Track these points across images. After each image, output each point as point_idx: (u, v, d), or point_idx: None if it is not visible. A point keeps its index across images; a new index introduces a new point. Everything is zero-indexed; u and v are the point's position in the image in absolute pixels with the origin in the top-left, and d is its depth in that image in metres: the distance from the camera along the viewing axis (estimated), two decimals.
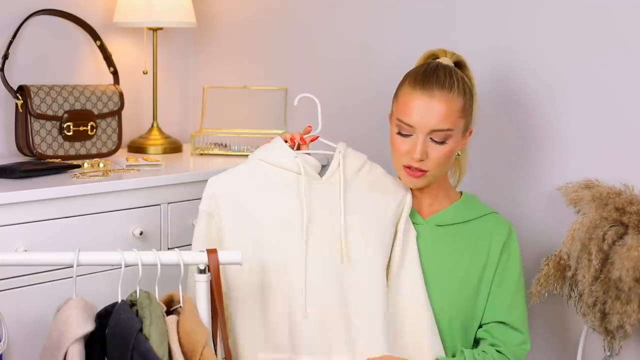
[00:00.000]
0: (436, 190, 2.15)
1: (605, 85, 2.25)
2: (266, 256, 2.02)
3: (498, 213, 2.19)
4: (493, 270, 2.10)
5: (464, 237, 2.12)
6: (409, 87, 2.06)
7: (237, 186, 2.09)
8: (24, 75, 2.61)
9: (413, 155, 2.04)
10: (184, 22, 2.79)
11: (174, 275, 1.82)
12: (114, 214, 2.29)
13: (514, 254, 2.13)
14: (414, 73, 2.08)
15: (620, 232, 2.06)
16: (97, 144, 2.64)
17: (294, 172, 2.08)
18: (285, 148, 2.11)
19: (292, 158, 2.08)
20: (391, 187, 2.13)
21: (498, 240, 2.11)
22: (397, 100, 2.09)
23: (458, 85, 2.04)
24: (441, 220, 2.13)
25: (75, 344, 1.69)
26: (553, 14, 2.32)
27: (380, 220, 2.07)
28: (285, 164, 2.08)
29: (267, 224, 2.04)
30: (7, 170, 2.24)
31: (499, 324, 2.09)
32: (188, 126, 3.08)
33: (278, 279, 2.02)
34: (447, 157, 2.06)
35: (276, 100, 2.87)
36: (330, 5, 2.75)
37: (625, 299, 2.05)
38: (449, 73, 2.05)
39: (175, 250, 1.83)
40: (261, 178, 2.09)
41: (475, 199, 2.20)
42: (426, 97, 2.02)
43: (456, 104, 2.03)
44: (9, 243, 2.09)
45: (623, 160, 2.22)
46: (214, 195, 2.09)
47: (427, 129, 2.02)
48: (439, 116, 2.02)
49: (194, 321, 1.78)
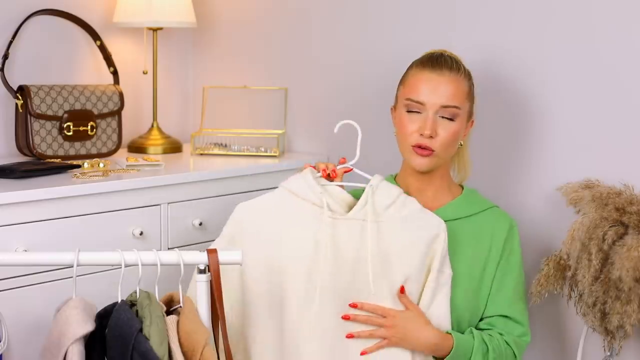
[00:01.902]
0: (439, 181, 2.17)
1: (606, 85, 2.25)
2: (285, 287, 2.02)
3: (499, 207, 2.21)
4: (495, 265, 2.12)
5: (466, 232, 2.14)
6: (417, 69, 2.12)
7: (263, 216, 2.07)
8: (24, 75, 2.61)
9: (424, 132, 2.06)
10: (184, 22, 2.79)
11: (174, 275, 1.82)
12: (114, 214, 2.29)
13: (515, 248, 2.15)
14: (421, 59, 2.15)
15: (620, 232, 2.06)
16: (97, 144, 2.64)
17: (318, 207, 2.04)
18: (311, 181, 2.06)
19: (318, 193, 2.04)
20: (425, 222, 2.05)
21: (500, 235, 2.14)
22: (405, 84, 2.13)
23: (464, 70, 2.13)
24: (443, 215, 2.13)
25: (75, 344, 1.69)
26: (553, 13, 2.32)
27: (406, 259, 2.02)
28: (309, 197, 2.05)
29: (290, 258, 2.02)
30: (7, 170, 2.24)
31: (501, 317, 2.11)
32: (188, 126, 3.08)
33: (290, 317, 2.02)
34: (454, 137, 2.09)
35: (276, 100, 2.87)
36: (330, 6, 2.75)
37: (625, 299, 2.05)
38: (454, 59, 2.13)
39: (175, 250, 1.83)
40: (287, 210, 2.06)
41: (476, 194, 2.22)
42: (436, 75, 2.09)
43: (463, 85, 2.10)
44: (8, 243, 2.09)
45: (623, 160, 2.22)
46: (240, 222, 2.07)
47: (437, 106, 2.07)
48: (448, 93, 2.07)
49: (194, 321, 1.77)
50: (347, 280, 2.00)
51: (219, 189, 2.51)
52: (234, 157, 2.73)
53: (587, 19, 2.26)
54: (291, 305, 2.01)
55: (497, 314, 2.11)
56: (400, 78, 2.17)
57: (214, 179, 2.50)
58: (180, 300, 1.81)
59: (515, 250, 2.15)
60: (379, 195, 2.05)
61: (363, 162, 2.24)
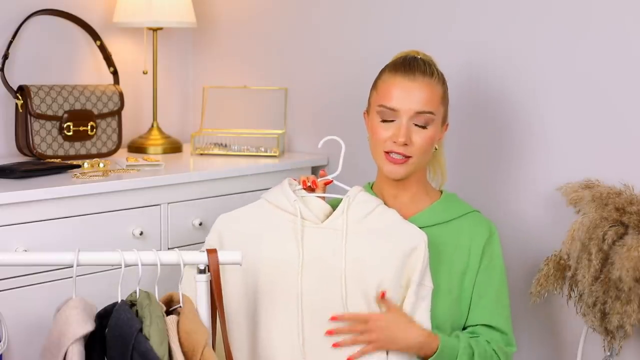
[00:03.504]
0: (416, 186, 2.13)
1: (606, 85, 2.25)
2: (261, 298, 2.03)
3: (479, 212, 2.17)
4: (475, 272, 2.09)
5: (444, 238, 2.09)
6: (389, 75, 2.08)
7: (242, 225, 2.08)
8: (24, 75, 2.61)
9: (398, 139, 2.03)
10: (184, 22, 2.79)
11: (174, 275, 1.82)
12: (114, 214, 2.29)
13: (496, 255, 2.11)
14: (393, 63, 2.11)
15: (620, 232, 2.06)
16: (97, 144, 2.64)
17: (294, 215, 2.04)
18: (287, 191, 2.07)
19: (292, 201, 2.05)
20: (404, 233, 2.02)
21: (478, 242, 2.09)
22: (377, 90, 2.10)
23: (438, 74, 2.09)
24: (420, 222, 2.09)
25: (75, 344, 1.69)
26: (553, 8, 2.32)
27: (380, 269, 1.99)
28: (285, 206, 2.06)
29: (266, 265, 2.03)
30: (7, 170, 2.24)
31: (484, 327, 2.08)
32: (188, 126, 3.08)
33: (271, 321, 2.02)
34: (429, 143, 2.06)
35: (276, 100, 2.87)
36: (330, 5, 2.75)
37: (625, 299, 2.05)
38: (427, 63, 2.10)
39: (175, 250, 1.83)
40: (264, 219, 2.08)
41: (455, 198, 2.18)
42: (408, 80, 2.05)
43: (437, 89, 2.07)
44: (8, 243, 2.09)
45: (623, 160, 2.22)
46: (220, 233, 2.09)
47: (410, 112, 2.04)
48: (421, 99, 2.04)
49: (194, 321, 1.78)
50: (322, 289, 1.99)
51: (219, 189, 2.52)
52: (234, 157, 2.73)
53: (588, 14, 2.26)
54: (266, 310, 2.01)
55: (480, 323, 2.08)
56: (373, 82, 2.13)
57: (214, 179, 2.50)
58: (180, 300, 1.81)
59: (496, 255, 2.11)
60: (356, 205, 2.04)
61: (362, 163, 2.25)
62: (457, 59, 2.43)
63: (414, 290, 1.99)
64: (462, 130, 2.44)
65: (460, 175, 2.42)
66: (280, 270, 2.02)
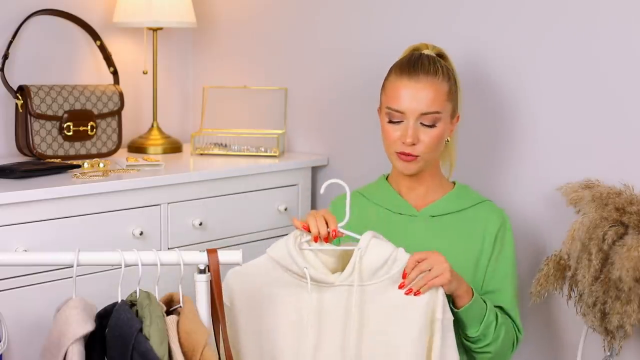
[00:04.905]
0: (430, 179, 2.18)
1: (606, 85, 2.25)
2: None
3: (491, 201, 2.21)
4: (487, 260, 2.12)
5: (458, 226, 2.14)
6: (395, 76, 2.12)
7: (251, 286, 2.00)
8: (24, 75, 2.62)
9: (405, 140, 2.07)
10: (184, 22, 2.79)
11: (174, 275, 1.82)
12: (114, 214, 2.29)
13: (508, 242, 2.15)
14: (399, 63, 2.15)
15: (620, 232, 2.06)
16: (97, 144, 2.64)
17: (301, 277, 1.96)
18: (293, 251, 1.94)
19: (301, 265, 1.94)
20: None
21: (491, 229, 2.13)
22: (385, 91, 2.14)
23: (442, 71, 2.11)
24: (434, 210, 2.14)
25: (75, 344, 1.69)
26: (554, 10, 2.32)
27: (401, 327, 1.93)
28: (293, 269, 1.96)
29: (279, 331, 1.97)
30: (7, 170, 2.24)
31: (496, 308, 2.09)
32: (188, 126, 3.08)
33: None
34: (438, 141, 2.10)
35: (276, 100, 2.87)
36: (331, 5, 2.75)
37: (625, 299, 2.05)
38: (432, 61, 2.12)
39: (175, 250, 1.83)
40: (272, 281, 1.98)
41: (468, 189, 2.23)
42: (413, 82, 2.08)
43: (442, 87, 2.09)
44: (9, 243, 2.09)
45: (623, 160, 2.22)
46: (232, 291, 2.00)
47: (416, 113, 2.07)
48: (427, 100, 2.07)
49: (194, 321, 1.77)
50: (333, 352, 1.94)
51: (219, 189, 2.52)
52: (234, 157, 2.73)
53: (587, 18, 2.26)
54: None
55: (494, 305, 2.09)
56: (382, 82, 2.17)
57: (214, 179, 2.50)
58: (180, 300, 1.81)
59: (508, 243, 2.14)
60: (368, 258, 1.94)
61: (363, 162, 2.25)
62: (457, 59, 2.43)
63: (439, 327, 1.92)
64: (462, 130, 2.44)
65: (460, 175, 2.42)
66: (296, 336, 1.96)
